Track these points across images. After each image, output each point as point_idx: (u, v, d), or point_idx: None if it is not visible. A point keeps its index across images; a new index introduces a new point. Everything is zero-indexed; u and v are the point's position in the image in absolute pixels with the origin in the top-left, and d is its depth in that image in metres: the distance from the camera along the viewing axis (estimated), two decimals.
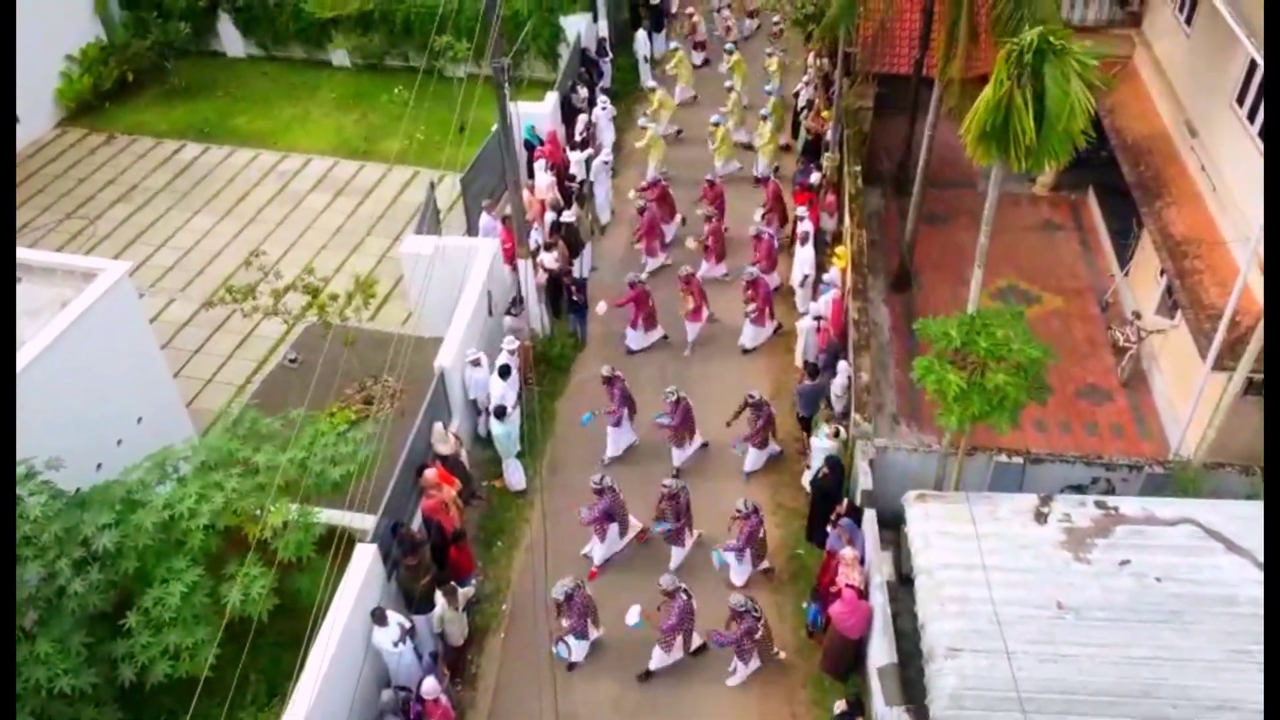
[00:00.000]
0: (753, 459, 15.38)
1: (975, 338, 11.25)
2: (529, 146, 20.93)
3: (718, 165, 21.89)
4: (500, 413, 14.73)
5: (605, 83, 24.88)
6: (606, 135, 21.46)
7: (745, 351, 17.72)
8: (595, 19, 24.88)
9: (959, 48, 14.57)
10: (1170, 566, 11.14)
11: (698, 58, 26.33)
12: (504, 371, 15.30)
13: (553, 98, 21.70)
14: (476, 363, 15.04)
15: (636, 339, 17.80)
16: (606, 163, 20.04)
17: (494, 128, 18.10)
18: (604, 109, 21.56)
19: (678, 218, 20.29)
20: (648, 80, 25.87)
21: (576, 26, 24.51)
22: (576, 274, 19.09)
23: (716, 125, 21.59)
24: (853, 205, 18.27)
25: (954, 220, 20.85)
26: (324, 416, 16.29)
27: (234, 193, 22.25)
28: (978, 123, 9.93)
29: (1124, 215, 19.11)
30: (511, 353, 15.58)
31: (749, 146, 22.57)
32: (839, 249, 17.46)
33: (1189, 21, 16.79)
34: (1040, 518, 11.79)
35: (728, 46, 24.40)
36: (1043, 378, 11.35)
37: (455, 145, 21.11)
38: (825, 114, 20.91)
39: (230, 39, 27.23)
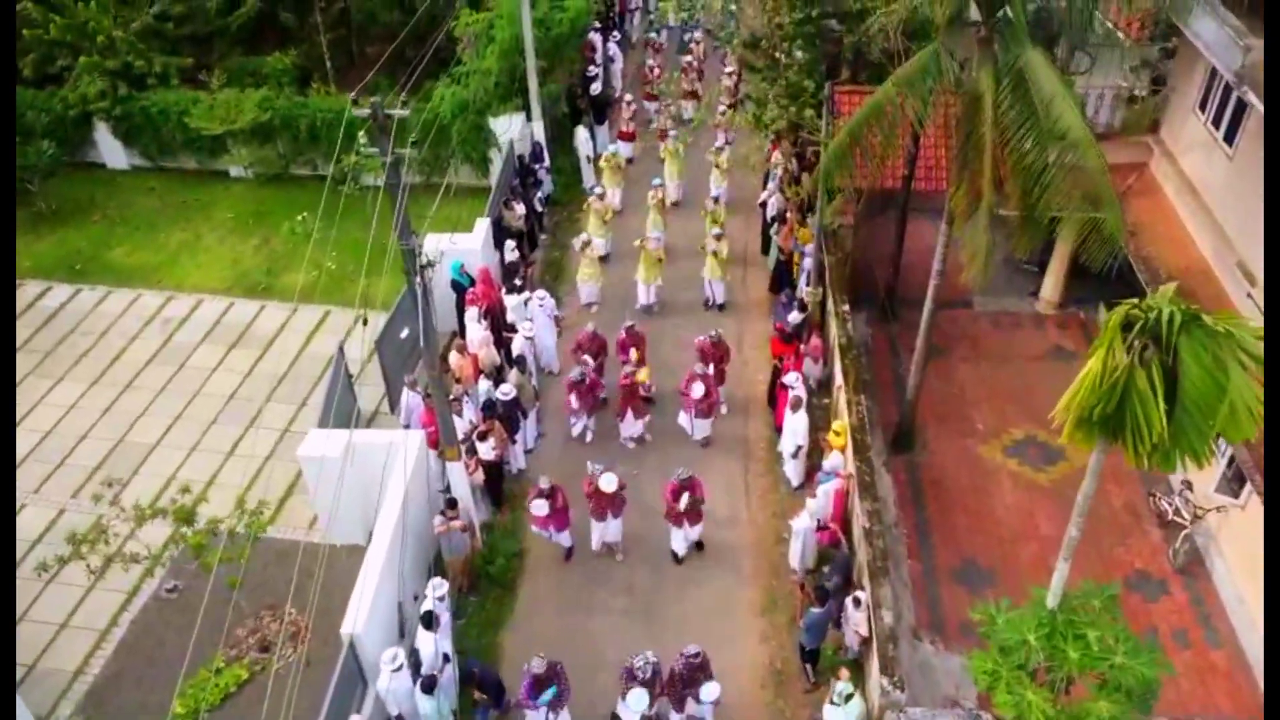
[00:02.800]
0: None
1: (1062, 644, 8.36)
2: (457, 288, 17.80)
3: (640, 291, 19.10)
4: (429, 685, 11.48)
5: (545, 191, 21.92)
6: (548, 337, 17.76)
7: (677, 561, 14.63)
8: (529, 118, 21.87)
9: (982, 190, 11.77)
10: None
11: (626, 150, 23.39)
12: (428, 620, 12.07)
13: (482, 226, 18.59)
14: (399, 667, 11.59)
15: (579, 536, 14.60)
16: (528, 339, 16.76)
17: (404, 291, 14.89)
18: (542, 304, 17.50)
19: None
20: (591, 182, 22.90)
21: (508, 129, 21.49)
22: (519, 448, 15.99)
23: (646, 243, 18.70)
24: (845, 360, 15.42)
25: (952, 351, 18.17)
26: (208, 675, 13.00)
27: (108, 349, 18.71)
28: (1078, 406, 7.09)
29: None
30: (441, 599, 12.36)
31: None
32: (836, 425, 14.55)
33: (1229, 139, 14.29)
34: None
35: (671, 132, 21.55)
36: (1153, 690, 8.47)
37: (371, 276, 18.15)
38: (803, 234, 18.09)
39: (110, 150, 23.71)
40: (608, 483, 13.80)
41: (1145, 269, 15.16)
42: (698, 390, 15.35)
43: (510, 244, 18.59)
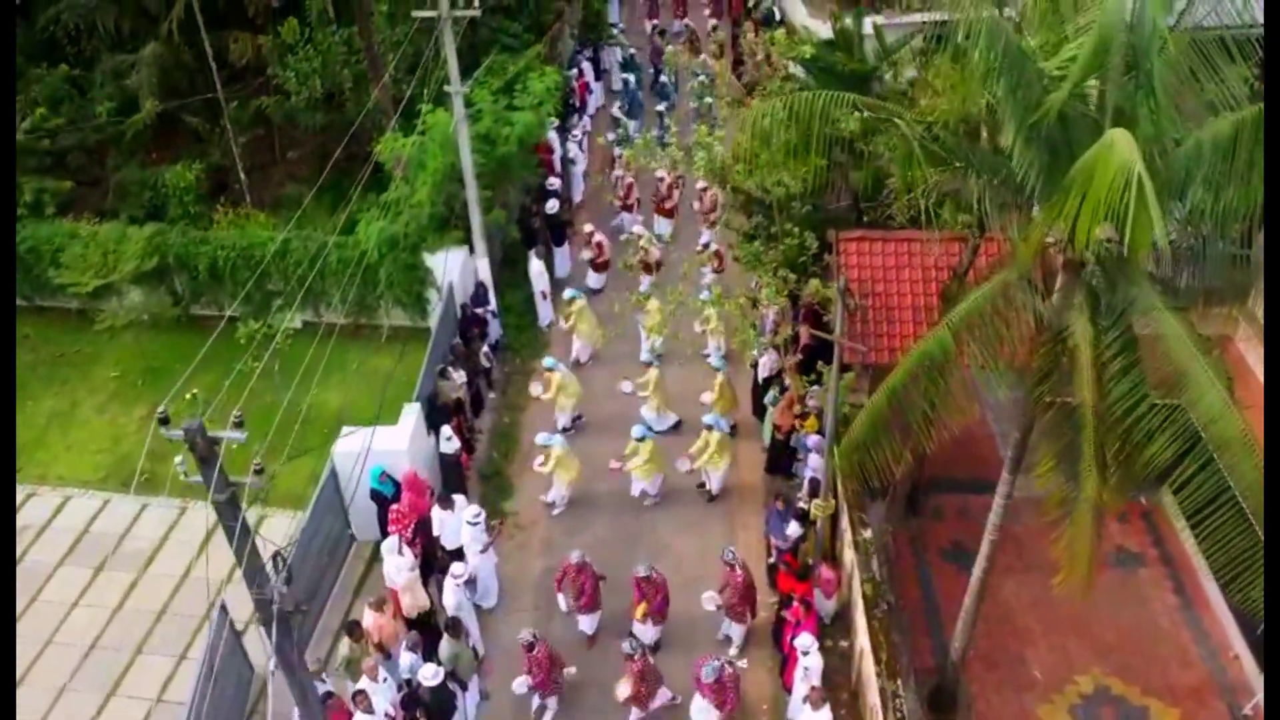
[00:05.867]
0: None
1: None
2: (379, 499, 14.25)
3: (643, 482, 15.58)
4: None
5: (492, 339, 18.42)
6: (484, 564, 13.84)
7: None
8: (472, 251, 18.40)
9: (1082, 478, 8.45)
10: None
11: (595, 282, 19.88)
12: None
13: (411, 416, 14.97)
14: None
15: None
16: (459, 581, 12.96)
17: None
18: (475, 522, 13.49)
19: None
20: (546, 318, 19.42)
21: (448, 266, 17.98)
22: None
23: (641, 440, 15.17)
24: (873, 620, 11.98)
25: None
26: None
27: None
28: None
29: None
30: None
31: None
32: None
33: None
34: None
35: (642, 288, 17.96)
36: None
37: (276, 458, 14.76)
38: (809, 423, 14.73)
39: None
40: None
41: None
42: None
43: (446, 431, 15.04)
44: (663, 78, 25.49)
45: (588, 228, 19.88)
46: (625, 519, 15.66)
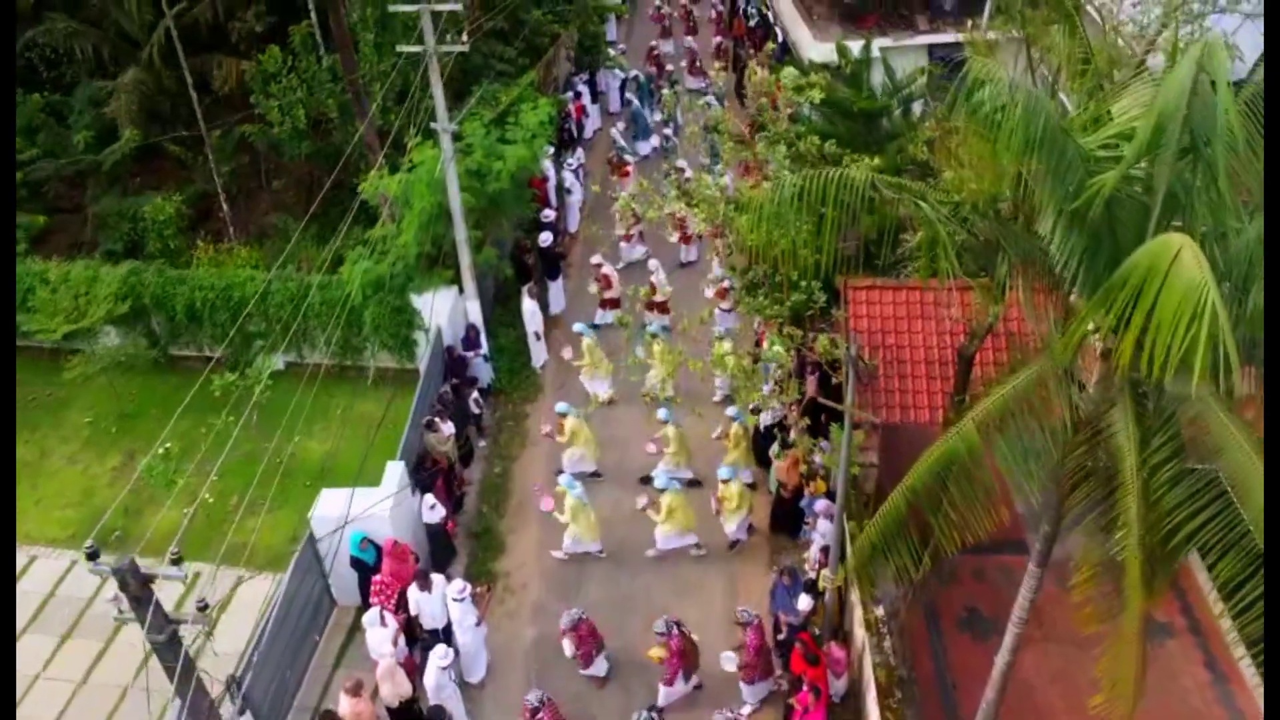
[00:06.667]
0: None
1: None
2: (359, 568, 13.42)
3: (660, 534, 14.79)
4: None
5: (482, 382, 17.60)
6: (472, 640, 13.04)
7: None
8: (462, 291, 17.55)
9: (1127, 593, 7.64)
10: None
11: (606, 317, 19.00)
12: None
13: (395, 474, 14.10)
14: None
15: None
16: (444, 667, 12.08)
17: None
18: (460, 598, 12.77)
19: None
20: (540, 360, 18.59)
21: (436, 308, 17.11)
22: None
23: (662, 490, 14.37)
24: (886, 708, 11.13)
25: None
26: None
27: None
28: None
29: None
30: None
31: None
32: None
33: None
34: None
35: (651, 327, 17.01)
36: None
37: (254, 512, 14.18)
38: (818, 485, 13.89)
39: None
40: None
41: None
42: None
43: (429, 500, 14.15)
44: (657, 98, 24.72)
45: (595, 259, 18.98)
46: (621, 581, 14.85)
